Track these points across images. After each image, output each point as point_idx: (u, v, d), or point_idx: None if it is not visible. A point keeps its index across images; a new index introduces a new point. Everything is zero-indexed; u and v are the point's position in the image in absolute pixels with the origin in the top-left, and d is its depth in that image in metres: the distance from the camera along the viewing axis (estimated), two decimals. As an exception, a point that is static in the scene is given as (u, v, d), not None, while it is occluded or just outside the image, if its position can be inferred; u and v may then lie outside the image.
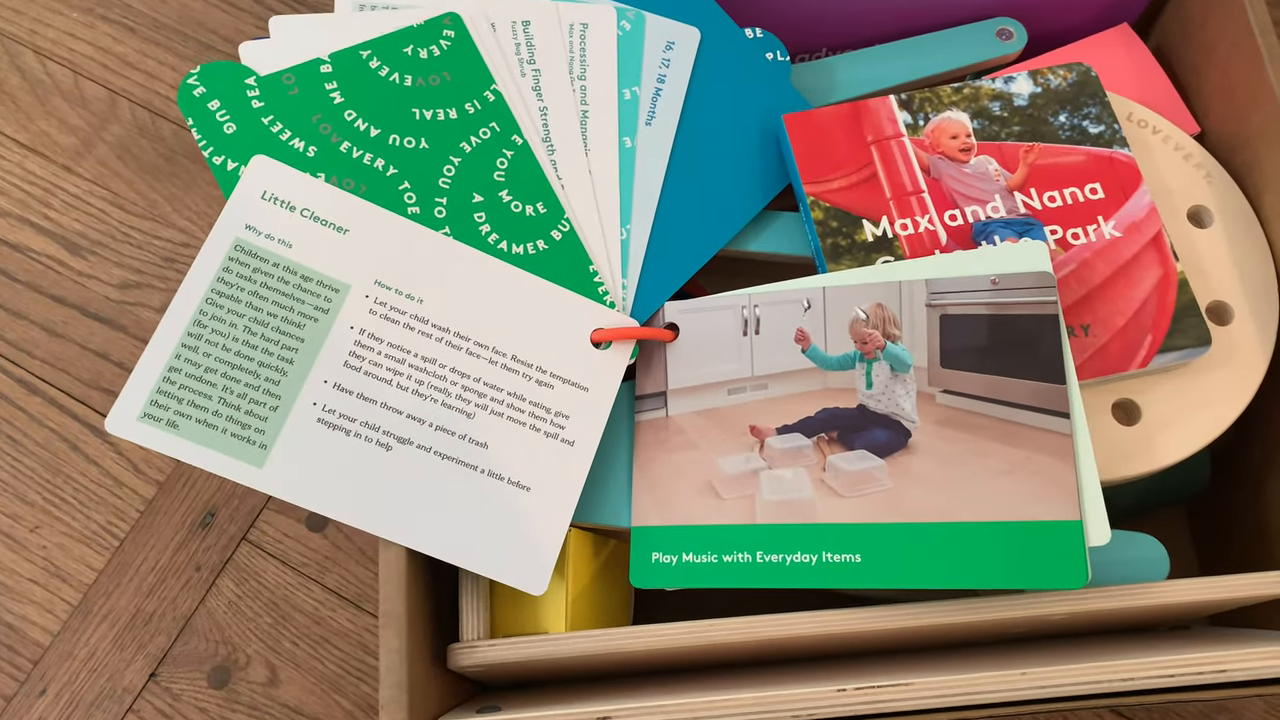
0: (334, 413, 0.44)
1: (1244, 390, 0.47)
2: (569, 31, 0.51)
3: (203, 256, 0.45)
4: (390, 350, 0.45)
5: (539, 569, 0.44)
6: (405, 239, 0.46)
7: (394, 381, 0.44)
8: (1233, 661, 0.40)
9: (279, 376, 0.44)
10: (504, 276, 0.47)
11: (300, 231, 0.45)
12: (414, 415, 0.44)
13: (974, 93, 0.51)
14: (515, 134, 0.49)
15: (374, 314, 0.45)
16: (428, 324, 0.45)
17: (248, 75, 0.48)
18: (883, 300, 0.45)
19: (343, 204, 0.46)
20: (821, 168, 0.50)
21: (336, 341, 0.44)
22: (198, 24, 0.75)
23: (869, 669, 0.46)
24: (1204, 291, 0.49)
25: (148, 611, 0.61)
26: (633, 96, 0.51)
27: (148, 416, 0.42)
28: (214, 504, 0.63)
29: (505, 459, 0.45)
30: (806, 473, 0.45)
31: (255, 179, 0.46)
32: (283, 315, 0.44)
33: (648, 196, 0.50)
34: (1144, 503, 0.55)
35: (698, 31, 0.53)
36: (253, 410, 0.43)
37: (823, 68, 0.57)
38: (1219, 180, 0.51)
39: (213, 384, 0.43)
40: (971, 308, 0.44)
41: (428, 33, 0.50)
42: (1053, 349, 0.43)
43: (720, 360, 0.48)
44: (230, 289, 0.44)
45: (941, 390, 0.44)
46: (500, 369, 0.46)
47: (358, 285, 0.45)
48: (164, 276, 0.68)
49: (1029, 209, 0.49)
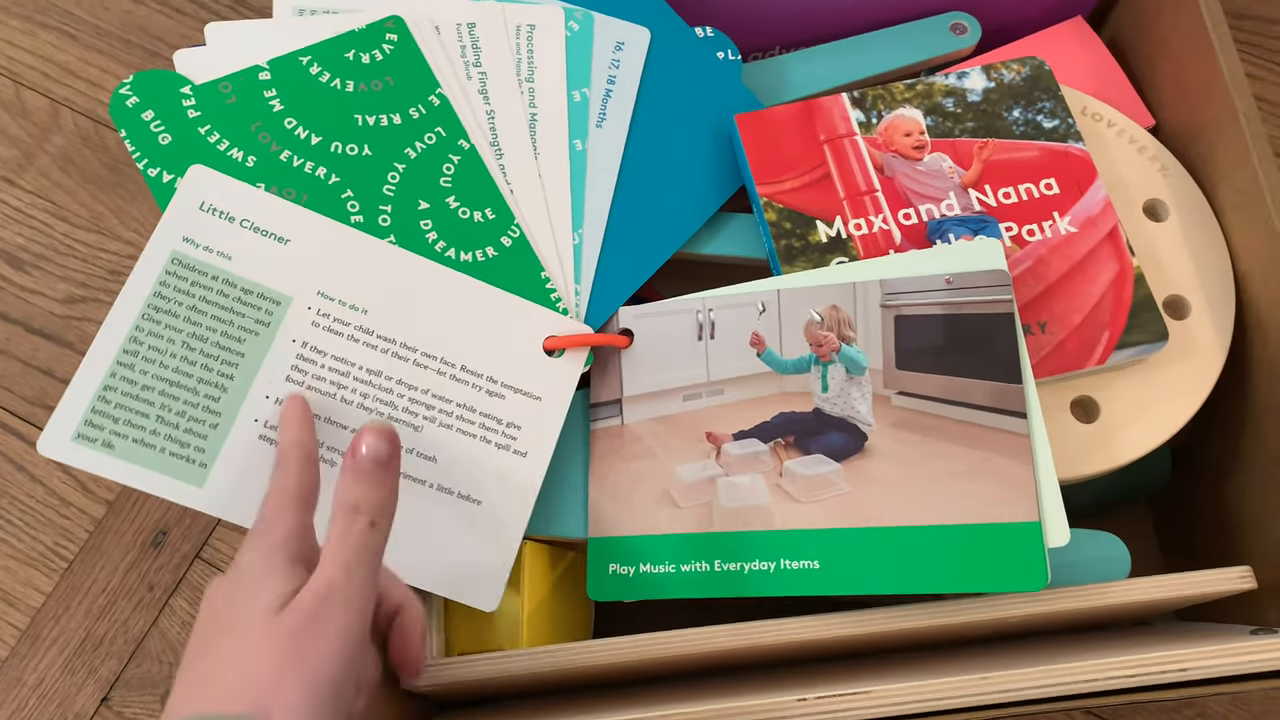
0: (276, 429, 0.42)
1: (1202, 384, 0.47)
2: (515, 33, 0.50)
3: (138, 271, 0.43)
4: (334, 363, 0.44)
5: (491, 585, 0.43)
6: (349, 248, 0.45)
7: (338, 395, 0.43)
8: (1193, 660, 0.40)
9: (219, 393, 0.43)
10: (452, 284, 0.46)
11: (240, 243, 0.44)
12: (358, 430, 0.43)
13: (927, 89, 0.50)
14: (462, 138, 0.48)
15: (317, 326, 0.44)
16: (373, 335, 0.44)
17: (183, 84, 0.47)
18: (837, 302, 0.45)
19: (284, 214, 0.45)
20: (774, 168, 0.49)
21: (278, 355, 0.43)
22: (141, 30, 0.73)
23: (831, 676, 0.45)
24: (1161, 286, 0.48)
25: (98, 635, 0.60)
26: (583, 98, 0.50)
27: (82, 437, 0.41)
28: (166, 522, 0.62)
29: (455, 472, 0.44)
30: (764, 479, 0.44)
31: (193, 189, 0.44)
32: (222, 330, 0.43)
33: (600, 200, 0.49)
34: (1106, 500, 0.55)
35: (648, 31, 0.52)
36: (192, 428, 0.42)
37: (775, 66, 0.56)
38: (1174, 173, 0.51)
39: (150, 402, 0.42)
40: (926, 308, 0.43)
41: (370, 37, 0.49)
42: (1009, 348, 0.42)
43: (676, 366, 0.47)
44: (168, 304, 0.43)
45: (897, 392, 0.43)
46: (449, 380, 0.44)
47: (300, 297, 0.44)
48: (110, 290, 0.67)
49: (984, 206, 0.48)
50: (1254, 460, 0.49)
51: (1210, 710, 0.58)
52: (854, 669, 0.47)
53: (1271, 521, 0.48)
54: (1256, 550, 0.49)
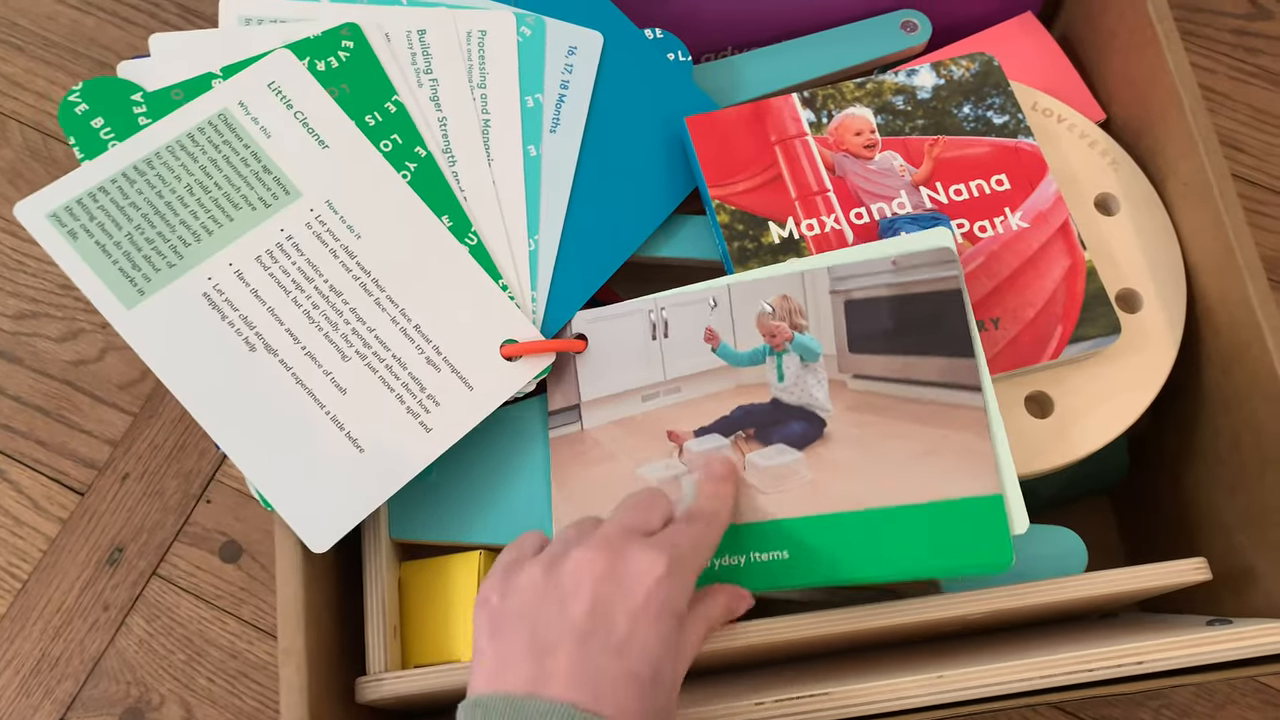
0: (222, 295, 0.44)
1: (1155, 376, 0.47)
2: (467, 39, 0.50)
3: (187, 109, 0.46)
4: (305, 266, 0.45)
5: (326, 531, 0.43)
6: (375, 177, 0.47)
7: (291, 294, 0.44)
8: (1148, 653, 0.40)
9: (192, 240, 0.45)
10: (449, 251, 0.46)
11: (285, 128, 0.46)
12: (293, 331, 0.44)
13: (877, 87, 0.50)
14: (419, 145, 0.48)
15: (309, 228, 0.45)
16: (354, 259, 0.45)
17: (134, 91, 0.46)
18: (787, 292, 0.44)
19: (335, 123, 0.47)
20: (726, 170, 0.49)
21: (262, 236, 0.45)
22: (90, 40, 0.72)
23: (792, 677, 0.45)
24: (1113, 279, 0.48)
25: (54, 655, 0.59)
26: (536, 104, 0.50)
27: (55, 218, 0.44)
28: (121, 539, 0.61)
29: (355, 413, 0.44)
30: (726, 474, 0.44)
31: (271, 67, 0.47)
32: (226, 191, 0.45)
33: (555, 206, 0.49)
34: (1065, 495, 0.55)
35: (600, 36, 0.51)
36: (151, 257, 0.44)
37: (726, 67, 0.56)
38: (1125, 167, 0.51)
39: (129, 218, 0.44)
40: (874, 290, 0.43)
41: (325, 44, 0.48)
42: (959, 324, 0.42)
43: (632, 367, 0.46)
44: (195, 147, 0.45)
45: (853, 376, 0.43)
46: (398, 330, 0.45)
47: (309, 196, 0.46)
48: (60, 305, 0.66)
49: (935, 203, 0.48)
50: (1207, 451, 0.49)
51: (1176, 701, 0.58)
52: (815, 669, 0.47)
53: (1225, 512, 0.48)
54: (1214, 540, 0.49)
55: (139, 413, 0.63)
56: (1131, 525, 0.59)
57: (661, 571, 0.35)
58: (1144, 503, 0.57)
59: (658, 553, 0.36)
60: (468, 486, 0.47)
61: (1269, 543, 0.45)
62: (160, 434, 0.63)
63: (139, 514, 0.61)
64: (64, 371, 0.64)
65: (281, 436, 0.43)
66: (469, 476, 0.47)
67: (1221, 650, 0.40)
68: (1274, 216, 0.68)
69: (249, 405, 0.43)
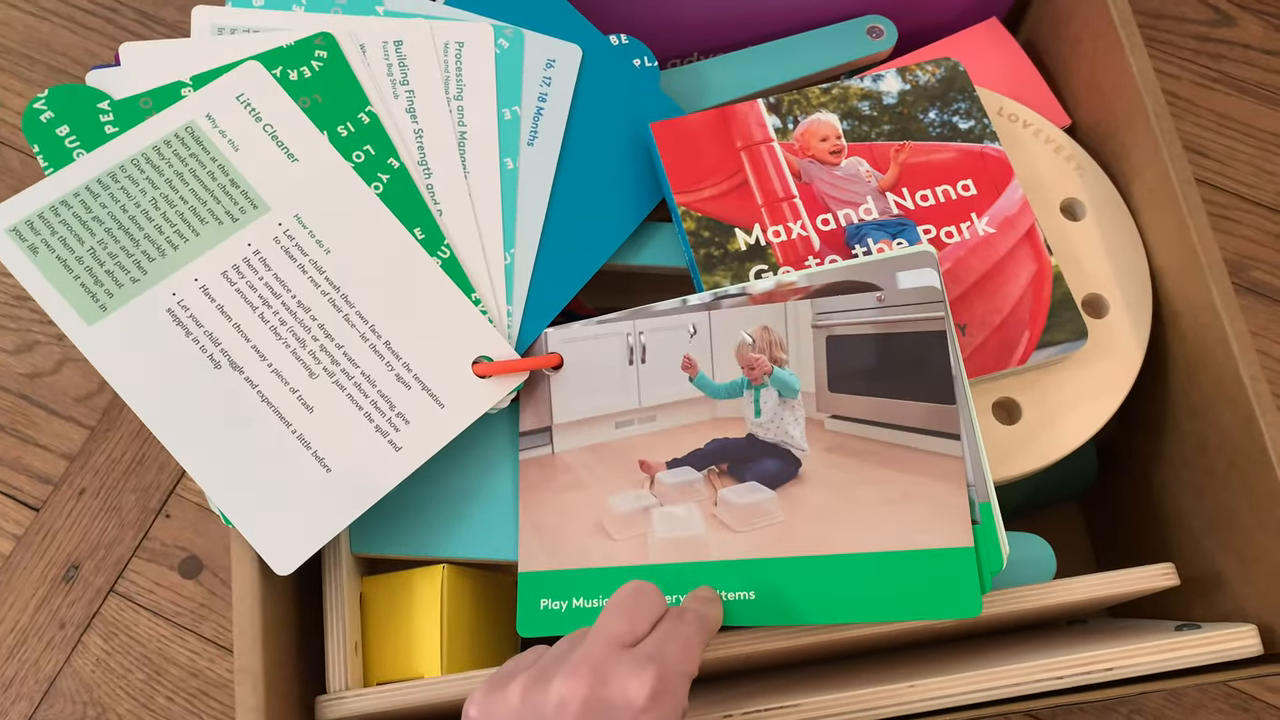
0: (187, 310, 0.43)
1: (1122, 381, 0.47)
2: (444, 50, 0.49)
3: (154, 120, 0.45)
4: (273, 281, 0.44)
5: (292, 552, 0.42)
6: (344, 191, 0.46)
7: (258, 310, 0.44)
8: (1117, 660, 0.39)
9: (157, 255, 0.44)
10: (420, 266, 0.45)
11: (253, 141, 0.45)
12: (259, 349, 0.43)
13: (843, 93, 0.50)
14: (392, 157, 0.47)
15: (277, 243, 0.44)
16: (323, 274, 0.44)
17: (101, 99, 0.45)
18: (769, 323, 0.44)
19: (305, 136, 0.46)
20: (692, 176, 0.49)
21: (228, 250, 0.44)
22: (44, 46, 0.70)
23: (759, 689, 0.44)
24: (1079, 284, 0.48)
25: (7, 676, 0.57)
26: (513, 116, 0.49)
27: (15, 233, 0.43)
28: (77, 556, 0.59)
29: (323, 431, 0.43)
30: (698, 508, 0.43)
31: (240, 79, 0.46)
32: (193, 205, 0.44)
33: (532, 219, 0.48)
34: (1034, 501, 0.55)
35: (579, 49, 0.51)
36: (113, 273, 0.43)
37: (692, 73, 0.55)
38: (1090, 172, 0.51)
39: (92, 233, 0.43)
40: (858, 327, 0.43)
41: (298, 54, 0.47)
42: (941, 367, 0.41)
43: (607, 391, 0.45)
44: (161, 160, 0.44)
45: (830, 415, 0.42)
46: (368, 347, 0.44)
47: (277, 211, 0.45)
48: (15, 316, 0.64)
49: (901, 209, 0.48)
50: (1174, 456, 0.49)
51: (1146, 705, 0.58)
52: (784, 680, 0.46)
53: (1192, 516, 0.48)
54: (1181, 545, 0.49)
55: (96, 426, 0.62)
56: (1100, 530, 0.59)
57: (647, 694, 0.33)
58: (1112, 508, 0.57)
59: (645, 673, 0.33)
60: (431, 500, 0.46)
61: (1234, 547, 0.45)
62: (118, 448, 0.61)
63: (96, 530, 0.60)
64: (18, 385, 0.63)
65: (246, 456, 0.42)
66: (432, 489, 0.46)
67: (1190, 656, 0.40)
68: (1237, 221, 0.69)
69: (213, 424, 0.42)
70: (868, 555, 0.40)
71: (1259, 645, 0.40)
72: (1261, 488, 0.42)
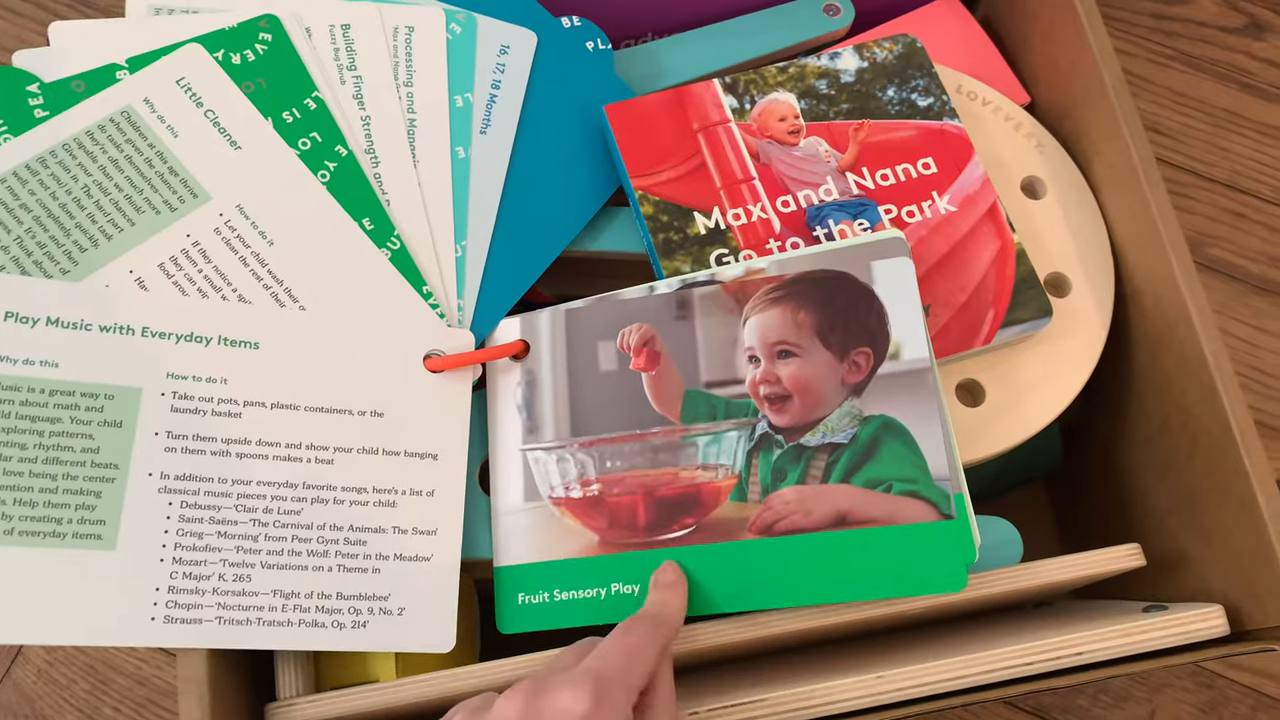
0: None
1: (1086, 360, 0.46)
2: (393, 35, 0.47)
3: (87, 104, 0.43)
4: (213, 274, 0.43)
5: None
6: (292, 181, 0.44)
7: (212, 296, 0.42)
8: (1087, 643, 0.39)
9: (89, 245, 0.42)
10: (367, 259, 0.44)
11: (193, 127, 0.44)
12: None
13: (800, 72, 0.49)
14: (339, 144, 0.45)
15: (218, 233, 0.43)
16: (265, 267, 0.43)
17: (30, 81, 0.43)
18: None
19: (249, 123, 0.44)
20: (648, 159, 0.47)
21: (166, 241, 0.42)
22: (-29, 33, 0.68)
23: (727, 681, 0.44)
24: (1042, 263, 0.48)
25: (-55, 691, 0.55)
26: (465, 104, 0.47)
27: None
28: (17, 564, 0.57)
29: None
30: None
31: (180, 62, 0.44)
32: (128, 193, 0.42)
33: (485, 210, 0.47)
34: (1000, 484, 0.54)
35: (534, 35, 0.49)
36: (42, 263, 0.42)
37: (646, 53, 0.54)
38: (1050, 150, 0.50)
39: (19, 221, 0.41)
40: None
41: (242, 36, 0.45)
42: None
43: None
44: (95, 145, 0.43)
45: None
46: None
47: (219, 199, 0.43)
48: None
49: (862, 189, 0.47)
50: (1138, 434, 0.49)
51: (1112, 686, 0.58)
52: (752, 671, 0.45)
53: (1156, 495, 0.48)
54: (1147, 525, 0.49)
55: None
56: (1065, 512, 0.58)
57: (583, 710, 0.32)
58: (1078, 489, 0.57)
59: (580, 687, 0.32)
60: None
61: (1199, 526, 0.44)
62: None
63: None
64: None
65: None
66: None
67: (1159, 638, 0.39)
68: (1193, 198, 0.69)
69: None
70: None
71: (1226, 625, 0.40)
72: (1225, 465, 0.42)
